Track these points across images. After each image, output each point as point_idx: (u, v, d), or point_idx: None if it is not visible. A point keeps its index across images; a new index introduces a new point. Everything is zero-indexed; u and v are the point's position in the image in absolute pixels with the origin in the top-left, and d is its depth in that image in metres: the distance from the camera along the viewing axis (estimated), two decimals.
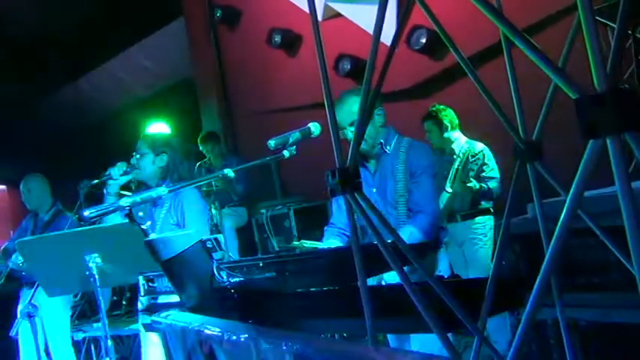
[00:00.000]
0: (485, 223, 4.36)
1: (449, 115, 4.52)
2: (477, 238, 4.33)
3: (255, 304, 1.96)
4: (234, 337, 1.43)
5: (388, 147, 2.88)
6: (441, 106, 4.57)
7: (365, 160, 2.93)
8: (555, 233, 0.84)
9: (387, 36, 1.21)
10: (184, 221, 3.18)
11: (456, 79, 5.65)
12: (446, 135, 4.51)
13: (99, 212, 1.81)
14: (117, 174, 3.21)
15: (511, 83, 1.44)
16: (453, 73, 5.62)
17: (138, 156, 3.37)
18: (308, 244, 4.14)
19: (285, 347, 1.24)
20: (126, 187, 3.41)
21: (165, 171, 3.37)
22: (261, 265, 1.87)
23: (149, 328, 2.34)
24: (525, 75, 1.68)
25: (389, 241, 1.33)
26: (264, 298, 1.94)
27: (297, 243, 4.51)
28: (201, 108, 8.21)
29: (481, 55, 4.89)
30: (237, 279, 1.94)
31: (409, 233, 2.56)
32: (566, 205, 0.80)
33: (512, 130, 1.41)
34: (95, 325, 5.31)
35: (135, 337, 5.15)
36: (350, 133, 2.76)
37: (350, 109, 2.77)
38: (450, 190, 4.39)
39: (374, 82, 1.19)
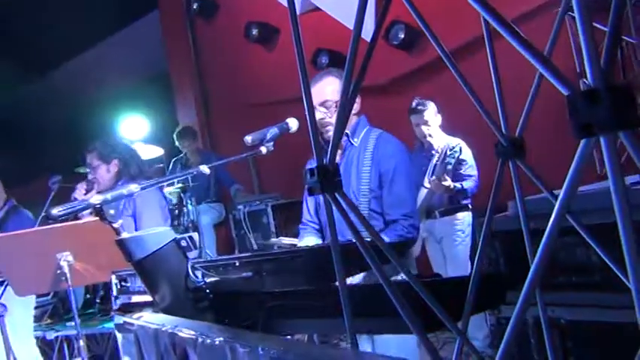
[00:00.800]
0: (463, 220, 4.36)
1: (434, 110, 4.51)
2: (455, 234, 4.34)
3: (232, 305, 1.91)
4: (209, 341, 1.38)
5: (355, 139, 2.63)
6: (426, 100, 4.55)
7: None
8: (545, 237, 0.81)
9: (366, 31, 1.17)
10: (135, 213, 3.26)
11: (433, 75, 5.65)
12: (429, 130, 4.50)
13: (68, 211, 1.73)
14: (81, 195, 3.28)
15: (493, 78, 1.41)
16: (431, 68, 5.61)
17: (90, 170, 3.50)
18: (286, 241, 4.11)
19: (261, 352, 1.19)
20: None
21: (120, 174, 3.47)
22: (237, 264, 1.82)
23: (121, 329, 2.27)
24: (508, 70, 1.66)
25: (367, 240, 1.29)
26: (240, 298, 1.89)
27: (275, 240, 4.47)
28: (177, 102, 8.10)
29: (460, 51, 4.88)
30: (213, 279, 1.88)
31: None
32: (557, 207, 0.77)
33: (494, 127, 1.38)
34: (68, 324, 5.20)
35: (109, 336, 5.06)
36: (320, 115, 2.61)
37: (322, 89, 2.63)
38: (428, 186, 4.38)
39: (354, 78, 1.14)
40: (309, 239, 2.78)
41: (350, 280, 1.78)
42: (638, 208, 1.63)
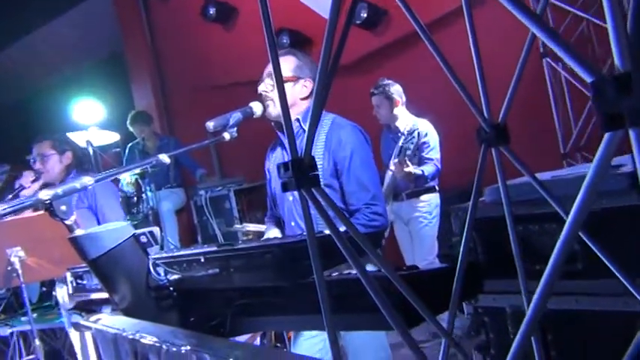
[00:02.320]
0: (430, 202, 4.33)
1: (398, 91, 4.43)
2: (422, 216, 4.31)
3: (197, 303, 1.80)
4: (175, 349, 1.27)
5: (307, 124, 2.49)
6: (390, 81, 4.46)
7: (282, 132, 2.52)
8: (561, 239, 0.72)
9: (327, 10, 1.08)
10: (97, 207, 3.25)
11: (397, 54, 5.57)
12: (395, 111, 4.43)
13: (14, 208, 1.59)
14: (28, 182, 3.16)
15: (474, 58, 1.32)
16: (395, 48, 5.53)
17: (39, 160, 3.39)
18: (251, 227, 4.00)
19: None
20: None
21: (70, 167, 3.37)
22: (202, 260, 1.70)
23: (79, 328, 2.13)
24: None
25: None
26: (206, 296, 1.78)
27: (239, 226, 4.35)
28: (132, 85, 7.81)
29: (432, 25, 4.79)
30: (176, 276, 1.76)
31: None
32: (573, 213, 0.68)
33: (476, 112, 1.29)
34: (23, 319, 4.97)
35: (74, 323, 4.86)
36: (263, 85, 2.47)
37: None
38: (393, 168, 4.33)
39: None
40: (272, 232, 2.66)
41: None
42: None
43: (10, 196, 3.31)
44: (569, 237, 0.70)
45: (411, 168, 4.04)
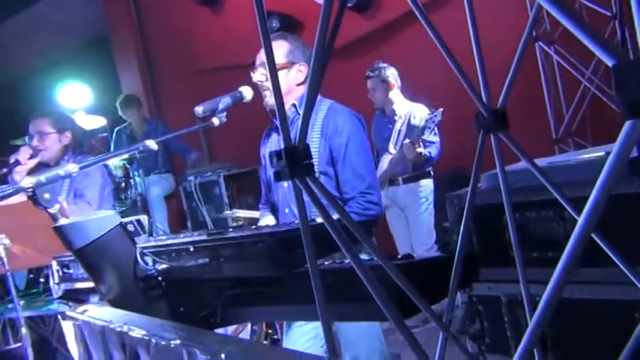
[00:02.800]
0: (427, 187, 4.32)
1: (394, 74, 4.37)
2: (420, 201, 4.29)
3: (187, 293, 1.76)
4: (164, 343, 1.23)
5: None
6: (385, 64, 4.40)
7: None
8: (576, 230, 0.68)
9: None
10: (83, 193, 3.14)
11: (388, 38, 5.51)
12: (390, 95, 4.37)
13: None
14: (24, 159, 3.02)
15: (473, 41, 1.27)
16: (387, 30, 5.46)
17: (37, 137, 3.23)
18: (241, 213, 3.95)
19: (224, 358, 1.05)
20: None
21: (68, 147, 3.23)
22: (191, 249, 1.65)
23: (67, 318, 2.08)
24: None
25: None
26: (196, 286, 1.74)
27: (229, 212, 4.30)
28: (119, 68, 7.68)
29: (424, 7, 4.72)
30: (165, 265, 1.72)
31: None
32: (591, 203, 0.64)
33: (475, 96, 1.25)
34: (10, 305, 4.91)
35: (56, 317, 4.81)
36: (258, 75, 2.41)
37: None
38: (393, 151, 4.29)
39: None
40: (266, 218, 2.61)
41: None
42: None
43: (5, 170, 3.17)
44: (587, 227, 0.66)
45: (422, 149, 4.00)
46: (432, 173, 4.34)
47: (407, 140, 4.08)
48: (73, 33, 8.22)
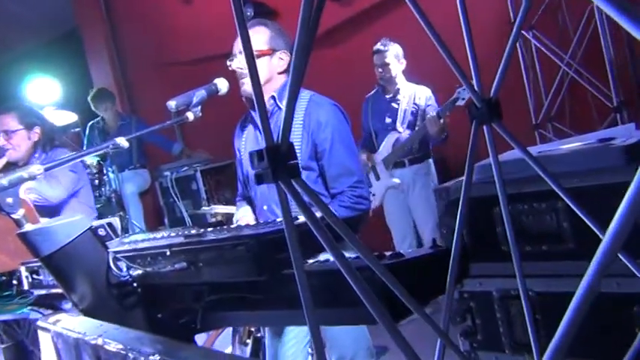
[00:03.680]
0: (430, 166, 4.31)
1: (398, 51, 4.27)
2: (427, 180, 4.25)
3: (164, 299, 1.66)
4: (142, 358, 1.14)
5: (284, 101, 2.33)
6: (391, 41, 4.28)
7: (255, 110, 2.41)
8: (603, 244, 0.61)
9: None
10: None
11: (365, 26, 5.42)
12: (400, 72, 4.28)
13: None
14: None
15: (463, 27, 1.20)
16: (363, 18, 5.38)
17: (3, 135, 3.02)
18: (220, 209, 3.84)
19: None
20: None
21: (38, 144, 3.03)
22: (168, 253, 1.56)
23: (40, 328, 1.97)
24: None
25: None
26: (174, 292, 1.65)
27: (207, 208, 4.19)
28: (89, 62, 7.47)
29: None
30: (140, 271, 1.62)
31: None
32: (619, 217, 0.57)
33: (467, 85, 1.17)
34: None
35: (30, 321, 4.66)
36: (237, 62, 2.29)
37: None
38: (401, 130, 4.20)
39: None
40: (243, 209, 2.51)
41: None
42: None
43: None
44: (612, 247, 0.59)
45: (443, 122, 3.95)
46: (431, 154, 4.33)
47: (432, 113, 3.97)
48: (40, 26, 7.97)
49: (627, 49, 4.10)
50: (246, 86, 2.29)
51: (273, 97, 2.31)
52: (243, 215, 2.47)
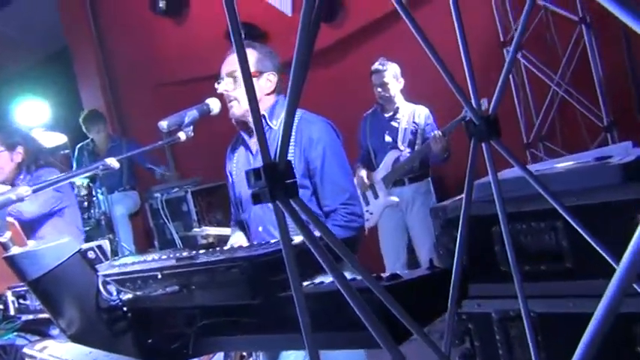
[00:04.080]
0: (429, 185, 4.30)
1: (396, 71, 4.28)
2: (427, 198, 4.23)
3: (156, 324, 1.62)
4: None
5: (274, 121, 2.30)
6: (389, 61, 4.28)
7: (246, 132, 2.37)
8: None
9: (283, 3, 0.96)
10: None
11: (354, 47, 5.45)
12: (398, 92, 4.29)
13: None
14: None
15: (461, 45, 1.18)
16: (353, 40, 5.41)
17: None
18: (212, 231, 3.79)
19: None
20: None
21: (22, 165, 2.98)
22: (159, 276, 1.51)
23: (27, 356, 1.91)
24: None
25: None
26: (166, 316, 1.60)
27: (198, 230, 4.14)
28: (79, 83, 7.44)
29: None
30: (130, 295, 1.57)
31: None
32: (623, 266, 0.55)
33: (465, 102, 1.16)
34: None
35: (17, 348, 4.55)
36: (224, 85, 2.29)
37: (235, 58, 2.23)
38: (403, 148, 4.19)
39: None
40: (236, 235, 2.48)
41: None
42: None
43: None
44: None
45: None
46: (429, 172, 4.34)
47: (436, 131, 3.97)
48: (30, 47, 7.95)
49: (627, 59, 4.12)
50: (235, 109, 2.28)
51: (263, 116, 2.31)
52: (236, 241, 2.44)
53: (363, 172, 4.28)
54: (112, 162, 1.81)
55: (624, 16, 0.55)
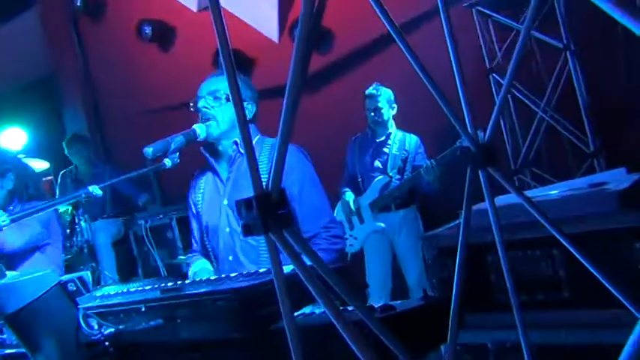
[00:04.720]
0: (416, 212, 4.26)
1: (390, 96, 4.26)
2: (414, 225, 4.20)
3: (138, 359, 1.55)
4: None
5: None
6: (383, 87, 4.27)
7: (213, 156, 2.33)
8: None
9: (269, 29, 0.93)
10: None
11: (342, 73, 5.46)
12: (390, 117, 4.26)
13: None
14: None
15: (455, 68, 1.16)
16: (339, 67, 5.42)
17: None
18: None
19: None
20: None
21: (14, 194, 2.88)
22: (143, 309, 1.45)
23: None
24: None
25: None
26: (150, 351, 1.53)
27: (183, 257, 4.06)
28: (64, 110, 7.37)
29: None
30: (112, 329, 1.51)
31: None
32: None
33: (460, 128, 1.13)
34: None
35: None
36: (203, 102, 2.25)
37: (218, 80, 2.25)
38: (391, 174, 4.16)
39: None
40: (199, 262, 2.37)
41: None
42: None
43: None
44: None
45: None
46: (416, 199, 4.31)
47: (431, 161, 3.94)
48: (14, 73, 7.87)
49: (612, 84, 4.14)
50: (212, 129, 2.23)
51: (235, 143, 2.30)
52: (200, 269, 2.34)
53: (349, 197, 4.24)
54: (95, 190, 1.75)
55: (621, 17, 0.52)
